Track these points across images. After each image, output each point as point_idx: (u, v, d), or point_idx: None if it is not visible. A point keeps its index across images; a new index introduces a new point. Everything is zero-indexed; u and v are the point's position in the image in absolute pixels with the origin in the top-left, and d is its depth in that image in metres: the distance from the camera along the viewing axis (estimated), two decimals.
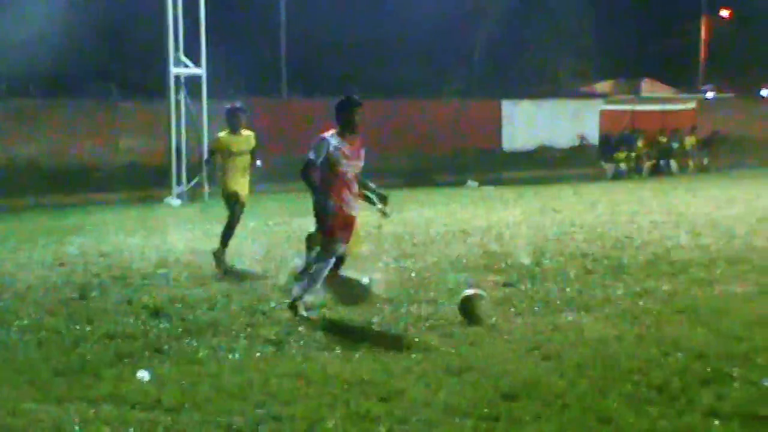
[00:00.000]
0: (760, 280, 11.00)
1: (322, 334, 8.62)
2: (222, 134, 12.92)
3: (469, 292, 9.49)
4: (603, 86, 46.83)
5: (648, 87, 45.46)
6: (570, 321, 9.07)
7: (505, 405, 6.39)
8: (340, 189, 9.51)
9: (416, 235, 15.61)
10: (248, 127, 13.11)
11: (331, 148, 9.41)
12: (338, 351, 8.00)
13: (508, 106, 39.18)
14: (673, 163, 32.33)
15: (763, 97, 54.37)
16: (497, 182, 28.74)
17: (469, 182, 29.26)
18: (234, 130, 12.86)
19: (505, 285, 11.00)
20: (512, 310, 9.61)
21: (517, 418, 6.14)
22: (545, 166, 34.73)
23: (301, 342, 8.38)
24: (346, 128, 9.54)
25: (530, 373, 7.13)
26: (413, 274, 11.82)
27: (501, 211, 19.85)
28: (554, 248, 13.84)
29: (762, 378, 6.78)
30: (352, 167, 9.56)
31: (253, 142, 12.99)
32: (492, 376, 7.09)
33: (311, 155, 9.45)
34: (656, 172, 31.69)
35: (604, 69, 49.35)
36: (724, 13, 55.53)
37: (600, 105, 40.65)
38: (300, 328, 8.85)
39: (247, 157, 12.91)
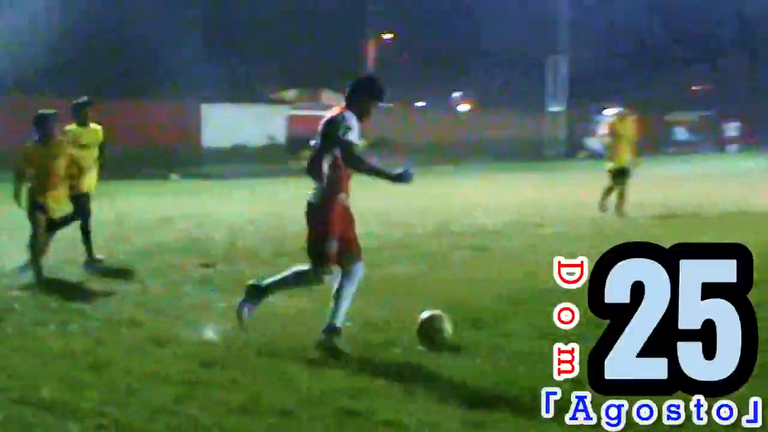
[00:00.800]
0: (417, 262, 11.52)
1: (38, 311, 8.25)
2: (71, 126, 10.97)
3: (427, 314, 7.26)
4: (289, 94, 47.62)
5: (327, 96, 46.56)
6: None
7: (204, 372, 6.34)
8: (347, 180, 7.01)
9: (125, 222, 15.19)
10: (96, 120, 11.28)
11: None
12: (53, 327, 7.67)
13: (207, 109, 39.29)
14: None
15: (418, 108, 57.23)
16: (198, 176, 28.72)
17: (172, 175, 28.96)
18: (82, 122, 11.04)
19: (203, 265, 10.92)
20: (211, 289, 9.57)
21: (214, 383, 6.10)
22: (241, 162, 35.11)
23: (18, 319, 7.97)
24: (359, 114, 6.97)
25: (226, 345, 7.11)
26: (122, 257, 11.53)
27: (202, 201, 19.73)
28: (248, 231, 13.94)
29: (415, 345, 7.08)
30: None
31: (101, 136, 11.23)
32: (193, 346, 7.03)
33: (351, 137, 6.80)
34: None
35: (289, 78, 50.15)
36: (388, 36, 57.81)
37: (287, 110, 41.51)
38: (15, 305, 8.44)
39: (95, 151, 11.16)
